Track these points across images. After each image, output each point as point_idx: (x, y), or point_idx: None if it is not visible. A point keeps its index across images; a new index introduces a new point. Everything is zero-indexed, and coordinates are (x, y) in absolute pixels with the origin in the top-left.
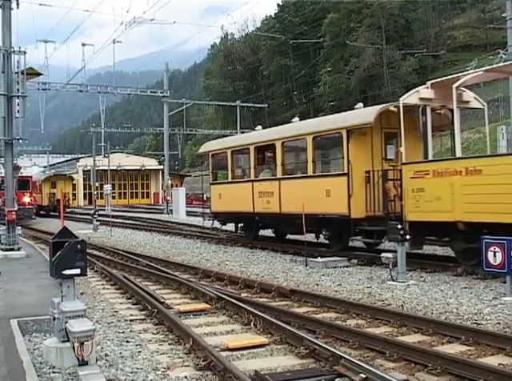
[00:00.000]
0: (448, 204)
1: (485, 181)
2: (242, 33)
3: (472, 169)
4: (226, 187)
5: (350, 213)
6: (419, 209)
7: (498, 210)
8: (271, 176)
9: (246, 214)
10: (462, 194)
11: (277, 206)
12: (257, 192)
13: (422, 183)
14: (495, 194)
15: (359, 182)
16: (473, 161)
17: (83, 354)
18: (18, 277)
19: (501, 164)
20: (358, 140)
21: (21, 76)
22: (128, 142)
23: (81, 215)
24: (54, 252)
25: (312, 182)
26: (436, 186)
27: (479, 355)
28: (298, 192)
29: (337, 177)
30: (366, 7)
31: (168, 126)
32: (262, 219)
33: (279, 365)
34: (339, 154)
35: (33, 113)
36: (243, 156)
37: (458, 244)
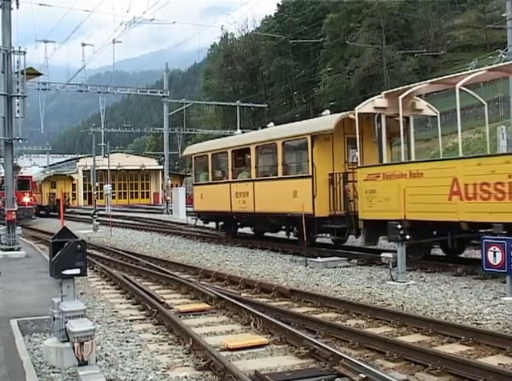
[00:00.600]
0: (395, 204)
1: (425, 183)
2: (241, 33)
3: (415, 172)
4: (207, 188)
5: (314, 212)
6: (372, 208)
7: (435, 210)
8: (247, 178)
9: (224, 213)
10: (407, 194)
11: (251, 206)
12: (234, 193)
13: (374, 185)
14: (433, 195)
15: (323, 184)
16: (416, 165)
17: (83, 354)
18: (18, 277)
19: (437, 168)
20: (321, 145)
21: (21, 76)
22: (128, 142)
23: (81, 215)
24: (53, 252)
25: (281, 184)
26: (386, 188)
27: (479, 355)
28: (270, 193)
29: (302, 179)
30: (365, 7)
31: (168, 126)
32: (239, 218)
33: (279, 365)
34: (305, 157)
35: (33, 113)
36: (222, 159)
37: (412, 240)
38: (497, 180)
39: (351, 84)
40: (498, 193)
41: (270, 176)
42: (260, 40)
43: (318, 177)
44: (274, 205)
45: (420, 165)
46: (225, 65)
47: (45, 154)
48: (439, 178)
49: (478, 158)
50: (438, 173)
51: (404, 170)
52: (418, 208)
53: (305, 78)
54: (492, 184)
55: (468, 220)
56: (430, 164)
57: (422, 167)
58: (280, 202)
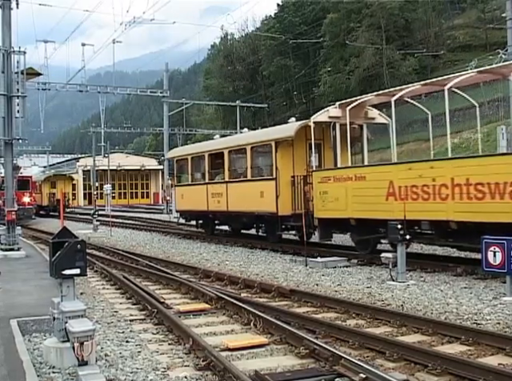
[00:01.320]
0: (343, 204)
1: (367, 185)
2: (241, 33)
3: (359, 176)
4: (187, 189)
5: (277, 211)
6: (324, 208)
7: (375, 209)
8: (221, 179)
9: (202, 212)
10: (353, 195)
11: (225, 205)
12: (210, 193)
13: (327, 187)
14: (374, 196)
15: (285, 186)
16: (359, 169)
17: (83, 354)
18: (18, 277)
19: (377, 172)
20: (284, 150)
21: (21, 76)
22: (128, 142)
23: (81, 215)
24: (53, 252)
25: (250, 185)
26: (336, 190)
27: (479, 355)
28: (241, 193)
29: (268, 181)
30: (365, 7)
31: (168, 126)
32: (215, 217)
33: (279, 365)
34: (270, 161)
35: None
36: (200, 162)
37: (353, 236)
38: (423, 183)
39: (351, 84)
40: (424, 194)
41: (240, 178)
42: (260, 40)
43: (281, 179)
44: (244, 204)
45: (363, 169)
46: (225, 65)
47: (45, 154)
48: (378, 181)
49: (409, 164)
50: (377, 176)
51: (350, 173)
52: (361, 207)
53: (305, 78)
54: (419, 186)
55: (400, 218)
56: (370, 168)
57: (364, 171)
58: (249, 202)
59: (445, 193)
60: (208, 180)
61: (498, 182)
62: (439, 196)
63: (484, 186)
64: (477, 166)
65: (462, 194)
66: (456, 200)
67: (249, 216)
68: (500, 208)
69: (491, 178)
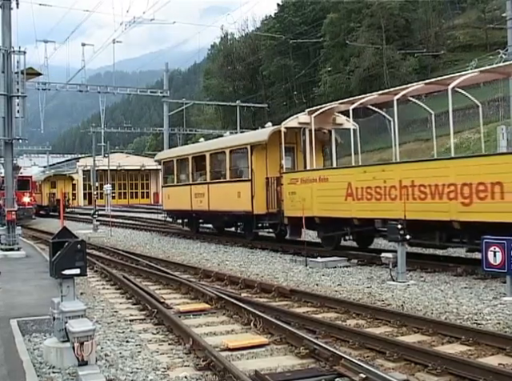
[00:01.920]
0: (309, 203)
1: (330, 186)
2: (241, 33)
3: (323, 177)
4: (173, 189)
5: (252, 210)
6: (293, 207)
7: (336, 208)
8: (203, 181)
9: (187, 211)
10: (317, 196)
11: (207, 205)
12: (193, 193)
13: (295, 188)
14: (335, 196)
15: (260, 186)
16: (323, 172)
17: (83, 354)
18: (18, 277)
19: (338, 174)
20: (259, 153)
21: (21, 76)
22: (128, 142)
23: (81, 215)
24: (53, 252)
25: (229, 186)
26: (302, 190)
27: (479, 355)
28: (221, 193)
29: (244, 182)
30: (366, 7)
31: (168, 126)
32: (198, 215)
33: (279, 365)
34: (246, 164)
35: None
36: (185, 164)
37: (319, 233)
38: (376, 184)
39: (351, 84)
40: (377, 195)
41: (220, 179)
42: (260, 40)
43: (256, 180)
44: (223, 204)
45: (326, 172)
46: (225, 65)
47: (45, 154)
48: (339, 183)
49: (364, 167)
50: (338, 178)
51: (315, 175)
52: (325, 207)
53: (305, 78)
54: (373, 187)
55: (357, 216)
56: (332, 171)
57: (327, 173)
58: (228, 202)
59: (394, 194)
60: (191, 181)
61: (437, 184)
62: (389, 196)
63: (426, 187)
64: (420, 170)
65: (408, 194)
66: (403, 200)
67: (228, 215)
68: (439, 207)
69: (431, 180)
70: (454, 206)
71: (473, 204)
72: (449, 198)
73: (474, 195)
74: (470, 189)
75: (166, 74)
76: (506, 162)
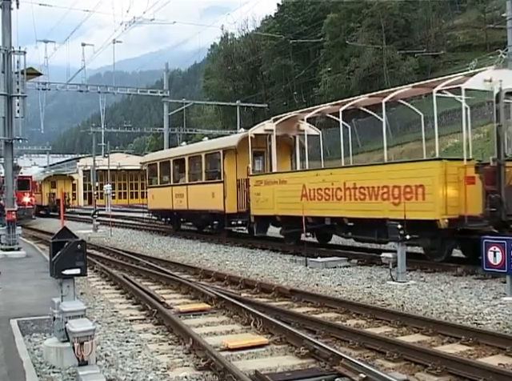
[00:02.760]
0: (271, 203)
1: (288, 188)
2: (242, 33)
3: (282, 180)
4: (156, 190)
5: (224, 209)
6: (258, 207)
7: (293, 207)
8: (183, 182)
9: (168, 210)
10: (278, 196)
11: (186, 205)
12: (174, 194)
13: (260, 189)
14: (292, 196)
15: (232, 187)
16: (282, 175)
17: (83, 354)
18: (18, 277)
19: (294, 177)
20: (230, 157)
21: (21, 76)
22: (128, 142)
23: (81, 215)
24: (54, 252)
25: (204, 187)
26: (266, 191)
27: (479, 355)
28: (197, 194)
29: (217, 183)
30: (365, 7)
31: (168, 126)
32: (179, 214)
33: (279, 365)
34: (219, 166)
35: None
36: (167, 167)
37: (281, 230)
38: (325, 186)
39: (351, 84)
40: (326, 195)
41: (197, 181)
42: (260, 40)
43: (227, 182)
44: (200, 204)
45: (285, 175)
46: (225, 65)
47: (45, 154)
48: (295, 184)
49: (316, 170)
50: (295, 181)
51: (276, 178)
52: (284, 206)
53: (305, 78)
54: (323, 189)
55: (310, 215)
56: (290, 174)
57: (286, 176)
58: (204, 202)
59: (339, 194)
60: (173, 182)
61: (374, 186)
62: (336, 197)
63: (365, 189)
64: (360, 174)
65: (351, 195)
66: (347, 200)
67: (204, 214)
68: (375, 207)
69: (369, 183)
70: (387, 205)
71: (401, 203)
72: (382, 198)
73: (402, 196)
74: (399, 190)
75: (166, 74)
76: (427, 167)
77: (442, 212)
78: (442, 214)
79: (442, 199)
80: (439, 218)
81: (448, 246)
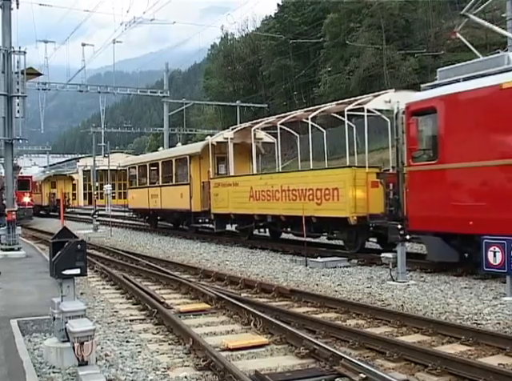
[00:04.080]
0: (227, 203)
1: (240, 189)
2: (241, 33)
3: (235, 182)
4: (136, 191)
5: (191, 208)
6: (217, 206)
7: (243, 207)
8: (157, 184)
9: (145, 209)
10: (232, 196)
11: (159, 204)
12: (150, 194)
13: (218, 190)
14: (242, 197)
15: (197, 189)
16: (235, 178)
17: (83, 354)
18: (18, 277)
19: (244, 180)
20: (196, 162)
21: (21, 76)
22: (128, 142)
23: (81, 215)
24: (54, 252)
25: (174, 188)
26: (222, 192)
27: (479, 355)
28: (169, 194)
29: (184, 185)
30: (365, 7)
31: (168, 126)
32: (154, 213)
33: (279, 365)
34: (186, 170)
35: (33, 113)
36: (144, 170)
37: (236, 227)
38: (267, 188)
39: (351, 84)
40: (267, 196)
41: (169, 183)
42: (260, 40)
43: (193, 184)
44: (171, 203)
45: (237, 178)
46: (225, 65)
47: (45, 154)
48: (245, 187)
49: (260, 175)
50: (244, 183)
51: (230, 181)
52: (236, 206)
53: (305, 78)
54: (265, 191)
55: (256, 213)
56: (241, 178)
57: (237, 179)
58: (174, 201)
59: (277, 196)
60: (149, 184)
61: (302, 189)
62: (275, 198)
63: (296, 191)
64: (292, 178)
65: (285, 197)
66: (283, 201)
67: (175, 212)
68: (303, 206)
69: (299, 186)
70: (312, 205)
71: (322, 204)
72: (309, 199)
73: (323, 197)
74: (321, 193)
75: (166, 74)
76: (340, 173)
77: (352, 211)
78: (352, 213)
79: (352, 200)
80: (349, 215)
81: (361, 239)
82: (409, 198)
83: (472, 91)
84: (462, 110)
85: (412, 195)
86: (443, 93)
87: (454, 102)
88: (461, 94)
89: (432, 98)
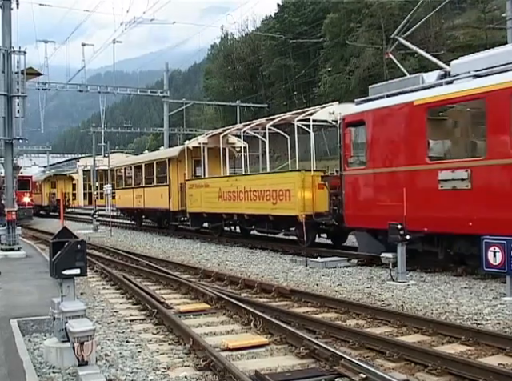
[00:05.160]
0: (200, 202)
1: (210, 190)
2: (241, 33)
3: (206, 184)
4: (122, 192)
5: (169, 207)
6: (192, 205)
7: (213, 206)
8: (141, 185)
9: (131, 208)
10: (204, 197)
11: (143, 204)
12: (135, 195)
13: (192, 191)
14: (213, 197)
15: (175, 190)
16: (206, 180)
17: (83, 354)
18: (18, 277)
19: (214, 182)
20: (174, 165)
21: (21, 76)
22: (128, 142)
23: (81, 215)
24: (53, 252)
25: (155, 189)
26: (196, 193)
27: (479, 355)
28: (151, 195)
29: (164, 186)
30: (365, 7)
31: (168, 126)
32: (138, 212)
33: (279, 365)
34: (165, 172)
35: (33, 113)
36: (129, 172)
37: (208, 224)
38: (233, 190)
39: (351, 84)
40: (233, 197)
41: (151, 184)
42: (260, 40)
43: (172, 185)
44: (153, 203)
45: (208, 180)
46: (225, 65)
47: (45, 154)
48: (215, 188)
49: (227, 177)
50: (214, 185)
51: (202, 182)
52: (208, 205)
53: (305, 78)
54: (231, 192)
55: (224, 212)
56: (211, 180)
57: (209, 181)
58: (155, 201)
59: (242, 196)
60: (134, 185)
61: (261, 190)
62: (239, 198)
63: (257, 192)
64: (253, 180)
65: (248, 197)
66: (246, 201)
67: (157, 211)
68: (262, 206)
69: (259, 187)
70: (269, 204)
71: (277, 203)
72: (266, 199)
73: (278, 198)
74: (276, 193)
75: (166, 74)
76: (291, 176)
77: (301, 210)
78: (301, 211)
79: (301, 200)
80: (299, 214)
81: (311, 235)
82: (345, 198)
83: (392, 107)
84: (383, 123)
85: (347, 196)
86: (370, 107)
87: (378, 115)
88: (383, 109)
89: (362, 111)
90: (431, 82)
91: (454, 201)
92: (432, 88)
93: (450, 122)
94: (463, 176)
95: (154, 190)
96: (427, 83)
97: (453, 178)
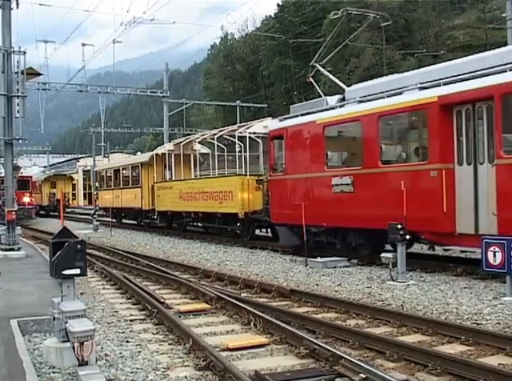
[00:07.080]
0: (165, 202)
1: (174, 191)
2: (241, 33)
3: (170, 186)
4: (103, 192)
5: (141, 206)
6: (159, 204)
7: (175, 205)
8: (119, 186)
9: (111, 208)
10: (169, 197)
11: (120, 203)
12: (114, 195)
13: (160, 192)
14: (175, 197)
15: (147, 191)
16: (170, 183)
17: (83, 354)
18: (18, 277)
19: (177, 184)
20: (146, 169)
21: (21, 76)
22: (128, 142)
23: (81, 215)
24: (53, 252)
25: (130, 190)
26: (163, 194)
27: (479, 355)
28: (127, 195)
29: (137, 188)
30: (365, 7)
31: (168, 126)
32: (118, 211)
33: (279, 365)
34: (139, 175)
35: (33, 113)
36: (110, 174)
37: (173, 221)
38: (191, 191)
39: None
40: (191, 198)
41: (127, 186)
42: (260, 40)
43: (144, 187)
44: (129, 202)
45: (171, 182)
46: (225, 65)
47: (45, 154)
48: (176, 189)
49: (186, 180)
50: (176, 186)
51: (167, 185)
52: (172, 204)
53: (305, 78)
54: (190, 193)
55: (184, 210)
56: (174, 182)
57: (172, 184)
58: (130, 201)
59: (197, 197)
60: (113, 187)
61: (211, 192)
62: (195, 198)
63: (208, 193)
64: (206, 183)
65: (201, 198)
66: (201, 201)
67: (132, 210)
68: (212, 205)
69: (210, 189)
70: (217, 204)
71: (223, 203)
72: (215, 199)
73: (223, 198)
74: (222, 194)
75: (166, 74)
76: (233, 180)
77: (240, 208)
78: (240, 210)
79: (241, 200)
80: (238, 211)
81: (251, 230)
82: (270, 199)
83: (301, 124)
84: (296, 138)
85: (272, 197)
86: (287, 124)
87: (292, 131)
88: (296, 126)
89: (282, 127)
90: (331, 105)
91: (342, 201)
92: (330, 110)
93: (341, 138)
94: (348, 181)
95: (130, 191)
96: (328, 106)
97: (341, 183)
